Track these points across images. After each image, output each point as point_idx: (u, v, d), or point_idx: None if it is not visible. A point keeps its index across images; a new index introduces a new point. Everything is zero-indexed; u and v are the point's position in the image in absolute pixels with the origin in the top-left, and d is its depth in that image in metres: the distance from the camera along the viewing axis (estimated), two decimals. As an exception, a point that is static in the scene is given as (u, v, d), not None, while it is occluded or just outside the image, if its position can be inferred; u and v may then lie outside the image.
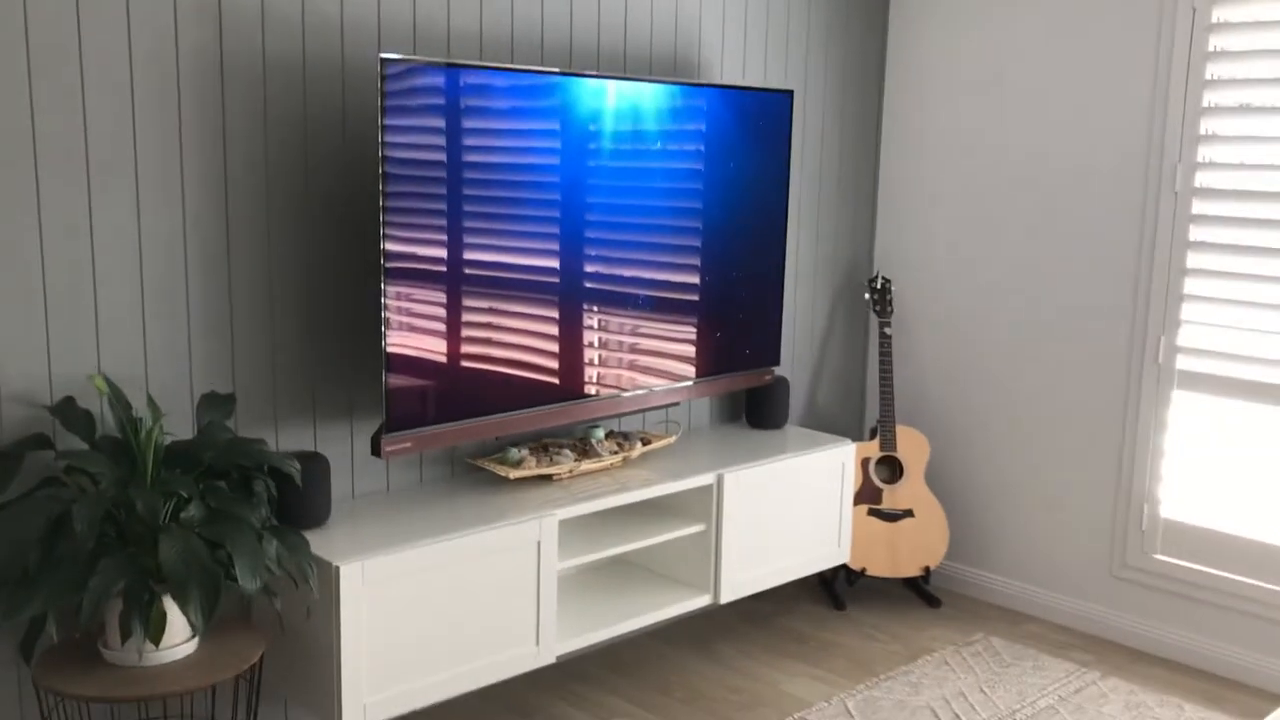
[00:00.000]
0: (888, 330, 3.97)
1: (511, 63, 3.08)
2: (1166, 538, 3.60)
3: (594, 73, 2.99)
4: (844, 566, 3.90)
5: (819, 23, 3.89)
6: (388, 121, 2.57)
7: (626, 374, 3.24)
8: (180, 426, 2.63)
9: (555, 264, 3.00)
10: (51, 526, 2.24)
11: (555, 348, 3.05)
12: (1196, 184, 3.43)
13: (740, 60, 3.67)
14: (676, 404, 3.43)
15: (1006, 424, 3.95)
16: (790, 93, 3.50)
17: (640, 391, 3.27)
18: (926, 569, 3.91)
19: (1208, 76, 3.38)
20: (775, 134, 3.49)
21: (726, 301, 3.46)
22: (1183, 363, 3.51)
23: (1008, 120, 3.84)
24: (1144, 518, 3.63)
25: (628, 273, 3.19)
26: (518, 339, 2.96)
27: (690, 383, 3.40)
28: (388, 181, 2.60)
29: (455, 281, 2.79)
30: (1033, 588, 3.93)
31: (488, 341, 2.89)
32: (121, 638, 2.24)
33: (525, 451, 3.14)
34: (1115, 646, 3.69)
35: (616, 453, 3.27)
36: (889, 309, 4.00)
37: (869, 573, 3.88)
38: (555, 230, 2.98)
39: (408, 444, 2.73)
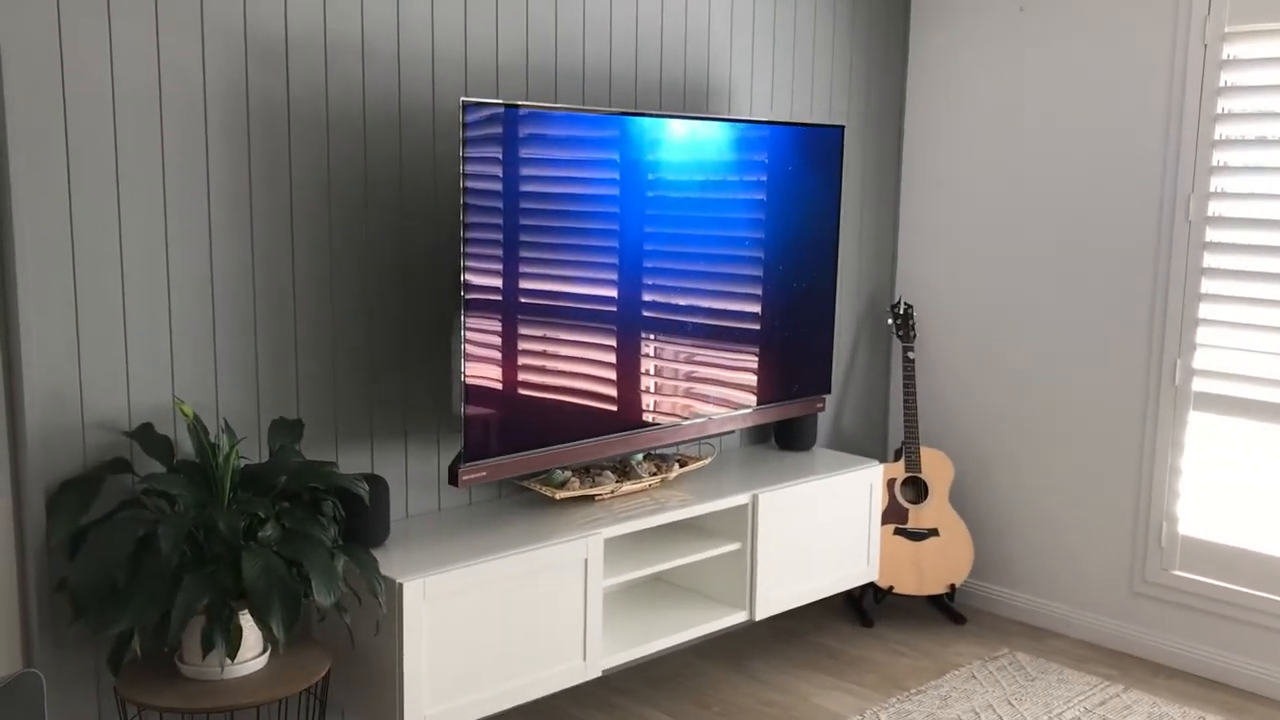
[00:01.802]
0: (911, 354, 4.10)
1: (555, 96, 3.23)
2: (1185, 554, 3.72)
3: (664, 112, 3.16)
4: (872, 584, 4.02)
5: (842, 56, 4.04)
6: (468, 154, 2.71)
7: (693, 403, 3.39)
8: (248, 449, 2.76)
9: (629, 296, 3.15)
10: (138, 546, 2.36)
11: (628, 379, 3.19)
12: (1209, 213, 3.57)
13: (768, 93, 3.82)
14: (733, 431, 3.57)
15: (1028, 445, 4.07)
16: (841, 128, 3.65)
17: (700, 419, 3.41)
18: (952, 586, 4.03)
19: (1219, 110, 3.52)
20: (827, 167, 3.64)
21: (786, 331, 3.61)
22: (1199, 385, 3.63)
23: (1025, 151, 3.98)
24: (1163, 535, 3.75)
25: (698, 304, 3.35)
26: (591, 370, 3.09)
27: (749, 410, 3.54)
28: (468, 213, 2.73)
29: (532, 314, 2.93)
30: (1055, 604, 4.04)
31: (563, 373, 3.03)
32: (203, 652, 2.37)
33: (569, 473, 3.27)
34: (1137, 660, 3.81)
35: (655, 474, 3.40)
36: (912, 334, 4.13)
37: (896, 590, 3.99)
38: (628, 263, 3.13)
39: (483, 473, 2.86)
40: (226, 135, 2.65)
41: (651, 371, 3.25)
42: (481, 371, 2.83)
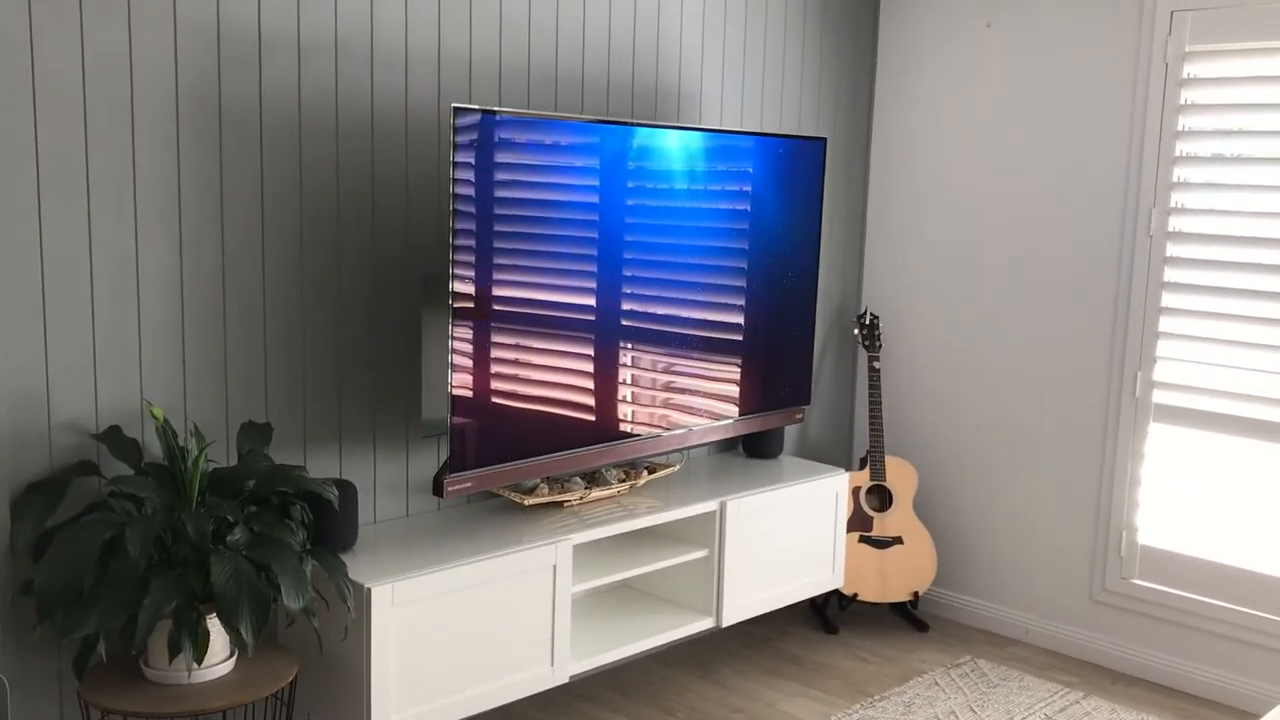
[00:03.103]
0: (876, 364, 4.14)
1: (529, 101, 3.24)
2: (1144, 563, 3.78)
3: (654, 122, 3.17)
4: (836, 591, 4.05)
5: (811, 68, 4.08)
6: (458, 159, 2.71)
7: (678, 414, 3.41)
8: (217, 453, 2.75)
9: (621, 306, 3.16)
10: (104, 549, 2.35)
11: (616, 389, 3.20)
12: (1170, 228, 3.63)
13: (738, 105, 3.85)
14: (715, 441, 3.61)
15: (991, 455, 4.12)
16: (824, 140, 3.68)
17: (683, 430, 3.43)
18: (915, 594, 4.07)
19: (1180, 127, 3.59)
20: (809, 179, 3.66)
21: (769, 342, 3.64)
22: (1159, 397, 3.70)
23: (991, 166, 4.04)
24: (1122, 544, 3.81)
25: (684, 314, 3.37)
26: (579, 380, 3.10)
27: (730, 421, 3.56)
28: (457, 220, 2.73)
29: (521, 324, 2.93)
30: (1016, 612, 4.09)
31: (551, 384, 3.03)
32: (170, 656, 2.35)
33: (539, 479, 3.27)
34: (1096, 668, 3.86)
35: (624, 480, 3.41)
36: (877, 344, 4.17)
37: (860, 598, 4.03)
38: (621, 273, 3.14)
39: (469, 484, 2.86)
40: (198, 136, 2.64)
41: (639, 382, 3.26)
42: (469, 381, 2.83)
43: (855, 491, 4.06)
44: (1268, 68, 3.42)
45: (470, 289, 2.78)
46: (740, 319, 3.53)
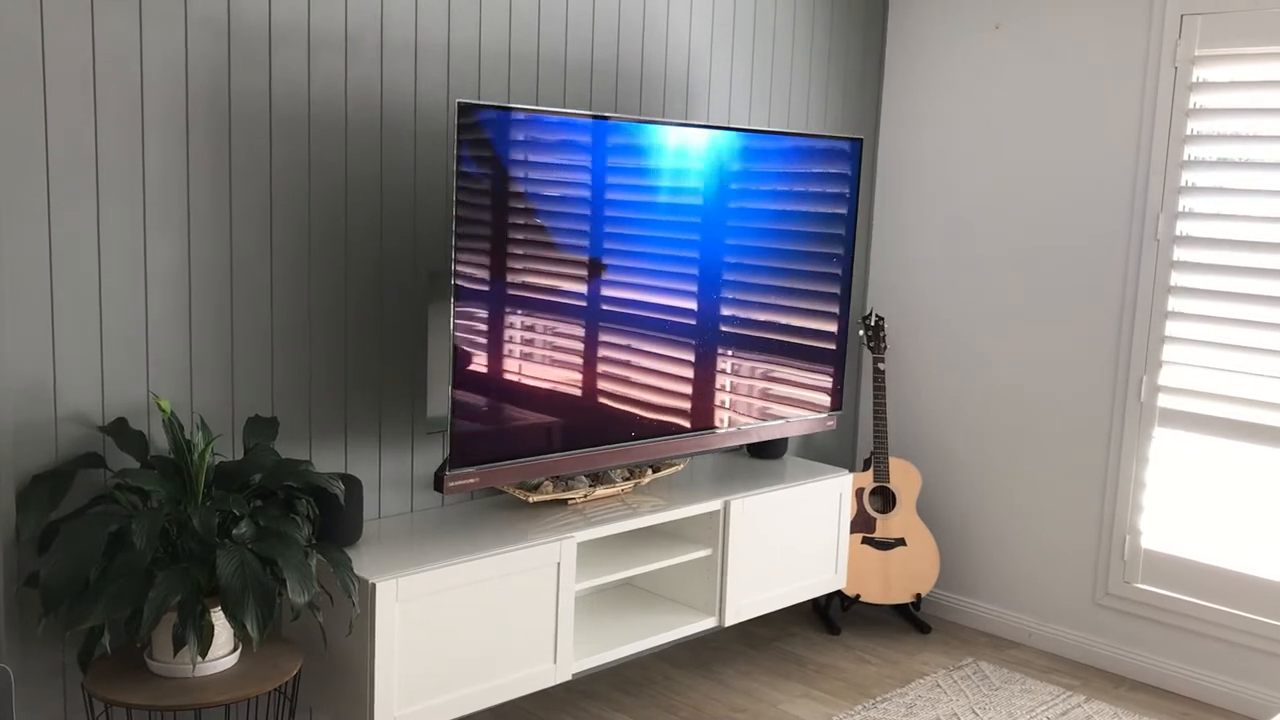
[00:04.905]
0: (881, 366, 4.14)
1: (537, 96, 3.24)
2: (1147, 567, 3.78)
3: (663, 119, 3.14)
4: (838, 592, 4.05)
5: (819, 69, 4.08)
6: (461, 154, 2.71)
7: (689, 414, 3.39)
8: (222, 446, 2.75)
9: (629, 302, 3.16)
10: (110, 541, 2.35)
11: (623, 386, 3.19)
12: (1177, 232, 3.63)
13: (746, 101, 3.85)
14: (736, 446, 3.60)
15: (995, 457, 4.12)
16: (860, 140, 3.66)
17: (703, 433, 3.41)
18: (917, 596, 4.07)
19: (1188, 131, 3.59)
20: (844, 179, 3.64)
21: (799, 345, 3.63)
22: (1164, 401, 3.69)
23: (998, 168, 4.04)
24: (1126, 548, 3.80)
25: (700, 308, 3.35)
26: (585, 375, 3.09)
27: (762, 424, 3.55)
28: (459, 214, 2.72)
29: (523, 317, 2.91)
30: (1019, 615, 4.09)
31: (555, 379, 3.02)
32: (174, 649, 2.35)
33: (543, 476, 3.27)
34: (1098, 672, 3.86)
35: (628, 479, 3.41)
36: (882, 345, 4.17)
37: (862, 599, 4.02)
38: (625, 266, 3.13)
39: (472, 480, 2.85)
40: (208, 129, 2.64)
41: (653, 380, 3.25)
42: (469, 377, 2.82)
43: (859, 493, 4.05)
44: (1277, 72, 3.42)
45: (472, 284, 2.78)
46: (765, 316, 3.51)
